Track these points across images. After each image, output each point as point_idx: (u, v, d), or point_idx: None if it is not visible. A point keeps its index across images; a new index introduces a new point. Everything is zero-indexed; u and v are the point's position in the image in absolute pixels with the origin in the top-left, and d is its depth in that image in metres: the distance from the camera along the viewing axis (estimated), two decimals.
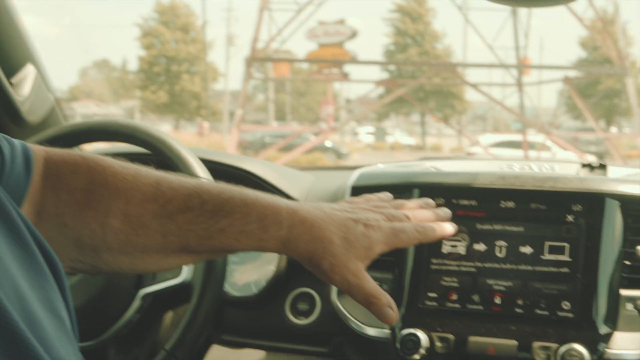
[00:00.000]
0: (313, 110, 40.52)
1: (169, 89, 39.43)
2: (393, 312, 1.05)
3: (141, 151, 1.43)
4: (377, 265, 1.48)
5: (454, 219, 1.44)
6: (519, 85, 27.87)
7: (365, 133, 43.56)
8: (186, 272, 1.49)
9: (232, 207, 0.96)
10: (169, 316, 1.61)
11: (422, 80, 28.74)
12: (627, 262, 1.41)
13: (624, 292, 1.39)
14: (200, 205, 0.95)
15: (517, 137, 27.01)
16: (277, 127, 36.16)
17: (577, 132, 32.36)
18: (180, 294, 1.50)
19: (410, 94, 30.79)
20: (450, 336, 1.39)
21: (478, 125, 52.01)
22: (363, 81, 38.02)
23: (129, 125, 1.46)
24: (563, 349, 1.32)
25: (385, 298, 1.04)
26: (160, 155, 1.41)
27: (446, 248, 1.46)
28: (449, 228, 1.20)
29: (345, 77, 27.50)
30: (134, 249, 0.95)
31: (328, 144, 29.40)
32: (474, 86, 26.25)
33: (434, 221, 1.19)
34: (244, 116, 24.61)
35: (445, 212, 1.25)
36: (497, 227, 1.45)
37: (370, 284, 1.03)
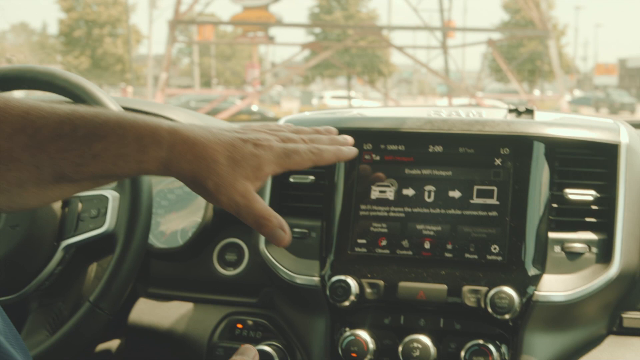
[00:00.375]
0: (239, 74, 40.28)
1: (91, 53, 38.63)
2: (285, 233, 1.02)
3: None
4: (304, 213, 1.48)
5: (382, 164, 1.43)
6: (444, 47, 28.12)
7: (331, 97, 43.04)
8: (109, 222, 1.44)
9: (107, 130, 0.91)
10: (93, 268, 1.57)
11: (347, 43, 28.80)
12: (554, 205, 1.42)
13: (552, 235, 1.40)
14: (72, 131, 0.89)
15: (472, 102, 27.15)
16: (203, 91, 35.84)
17: (501, 95, 32.76)
18: (103, 244, 1.45)
19: (336, 57, 30.76)
20: (380, 282, 1.39)
21: (403, 88, 52.24)
22: (288, 44, 37.85)
23: (46, 71, 1.40)
24: (492, 292, 1.33)
25: (277, 219, 1.00)
26: (79, 103, 1.36)
27: (375, 194, 1.45)
28: (347, 151, 1.16)
29: (270, 40, 27.40)
30: (9, 185, 0.89)
31: (254, 107, 29.24)
32: (400, 49, 26.41)
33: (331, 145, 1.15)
34: (168, 80, 24.33)
35: (345, 138, 1.21)
36: (426, 171, 1.44)
37: (259, 204, 0.99)
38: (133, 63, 39.23)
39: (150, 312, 1.66)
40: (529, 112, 1.54)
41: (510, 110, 1.57)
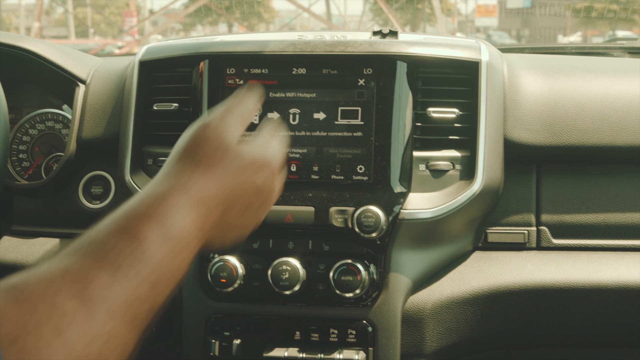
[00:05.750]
0: (115, 24, 39.28)
1: None
2: None
3: None
4: (169, 141, 1.45)
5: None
6: None
7: None
8: None
9: None
10: None
11: None
12: (418, 124, 1.43)
13: (417, 154, 1.42)
14: None
15: None
16: (79, 40, 34.83)
17: None
18: None
19: (215, 3, 30.37)
20: None
21: None
22: None
23: None
24: (359, 211, 1.34)
25: None
26: None
27: None
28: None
29: None
30: None
31: None
32: None
33: None
34: (41, 30, 23.57)
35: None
36: (290, 94, 1.43)
37: None
38: (2, 13, 37.76)
39: (15, 249, 1.61)
40: (393, 33, 1.54)
41: (375, 33, 1.57)
